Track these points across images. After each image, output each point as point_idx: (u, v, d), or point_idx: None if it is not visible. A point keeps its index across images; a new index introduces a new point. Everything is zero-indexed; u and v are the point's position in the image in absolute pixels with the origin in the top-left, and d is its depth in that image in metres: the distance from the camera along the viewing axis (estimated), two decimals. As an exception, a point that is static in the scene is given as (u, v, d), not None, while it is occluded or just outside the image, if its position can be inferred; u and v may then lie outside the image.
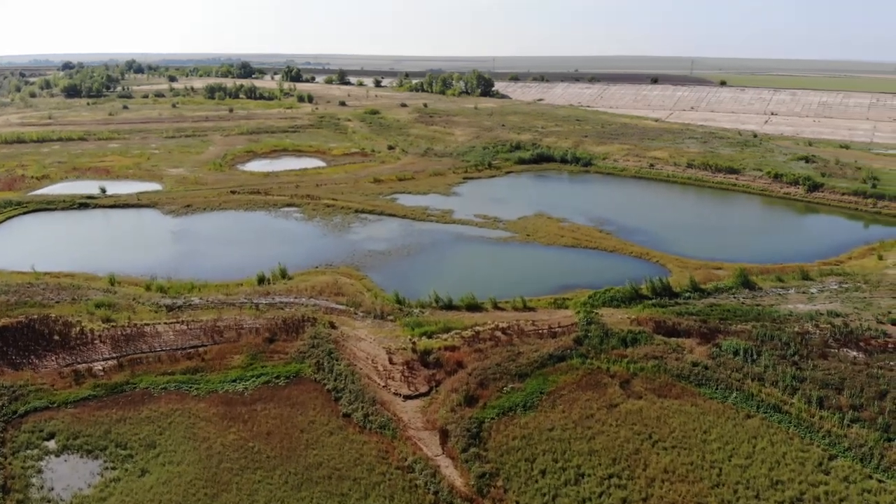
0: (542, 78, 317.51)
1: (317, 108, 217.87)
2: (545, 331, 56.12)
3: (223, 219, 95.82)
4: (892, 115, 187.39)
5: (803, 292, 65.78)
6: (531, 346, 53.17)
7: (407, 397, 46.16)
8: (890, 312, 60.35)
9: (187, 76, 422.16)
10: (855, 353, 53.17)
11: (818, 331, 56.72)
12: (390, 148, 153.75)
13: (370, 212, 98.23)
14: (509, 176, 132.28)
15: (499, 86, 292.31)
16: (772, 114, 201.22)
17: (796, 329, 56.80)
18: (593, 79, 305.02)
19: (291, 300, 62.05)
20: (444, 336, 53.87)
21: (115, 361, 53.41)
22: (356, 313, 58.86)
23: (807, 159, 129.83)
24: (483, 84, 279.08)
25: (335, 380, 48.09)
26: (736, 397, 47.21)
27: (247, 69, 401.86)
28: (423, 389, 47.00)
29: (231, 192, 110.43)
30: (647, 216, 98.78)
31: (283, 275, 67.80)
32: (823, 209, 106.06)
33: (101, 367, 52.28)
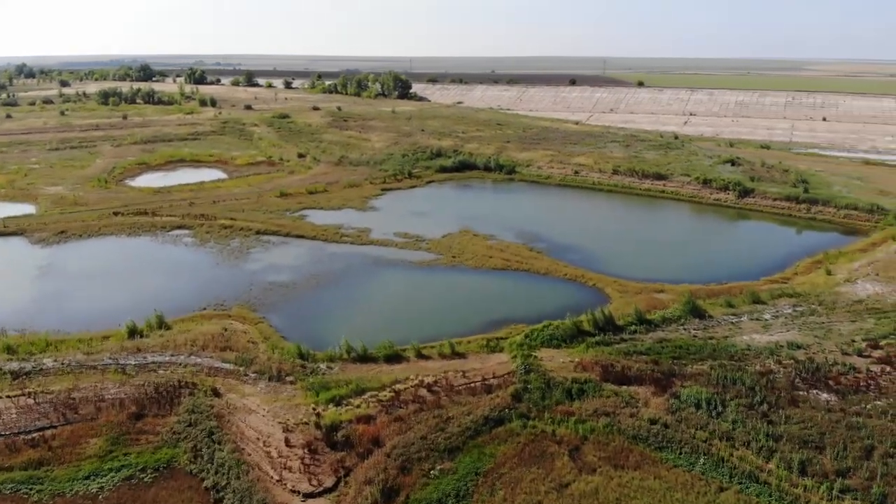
0: (460, 80, 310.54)
1: (220, 113, 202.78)
2: (478, 384, 47.36)
3: (100, 248, 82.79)
4: (808, 113, 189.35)
5: (757, 319, 59.59)
6: (463, 406, 44.25)
7: (308, 496, 36.28)
8: (853, 341, 54.75)
9: (82, 80, 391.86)
10: (826, 396, 46.81)
11: (782, 369, 50.27)
12: (300, 156, 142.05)
13: (274, 233, 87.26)
14: (431, 186, 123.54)
15: (417, 88, 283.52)
16: (690, 114, 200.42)
17: (758, 367, 50.20)
18: (512, 81, 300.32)
19: (168, 358, 50.91)
20: (357, 402, 44.18)
21: (-65, 455, 41.39)
22: (247, 374, 48.35)
23: (732, 162, 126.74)
24: (400, 86, 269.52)
25: (216, 472, 37.75)
26: (704, 464, 39.64)
27: (147, 71, 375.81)
28: (329, 482, 37.21)
29: (114, 213, 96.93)
30: (578, 230, 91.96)
31: (160, 323, 56.35)
32: (756, 216, 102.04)
33: (-86, 466, 40.21)
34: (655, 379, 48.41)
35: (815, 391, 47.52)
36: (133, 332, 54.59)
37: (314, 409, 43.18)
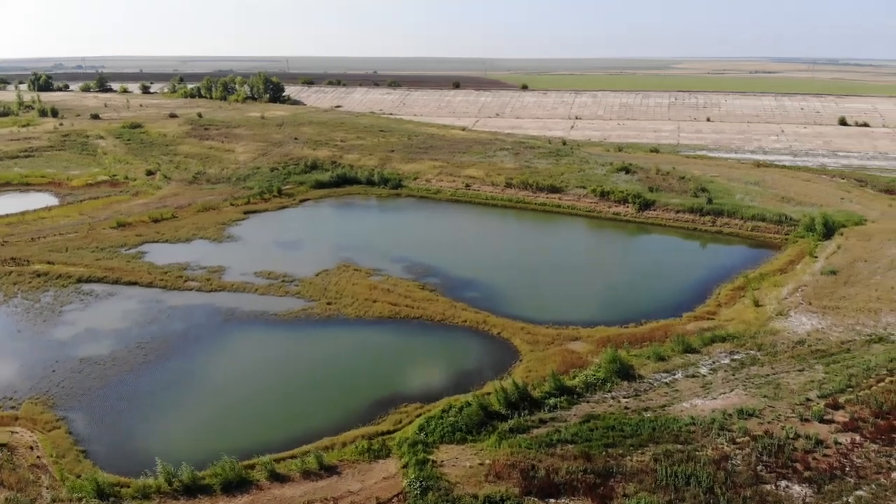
0: (338, 82, 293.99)
1: (61, 124, 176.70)
2: (356, 518, 34.07)
3: None
4: (692, 114, 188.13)
5: (693, 376, 49.72)
6: (333, 564, 30.85)
7: None
8: (808, 400, 45.73)
9: None
10: (799, 489, 36.98)
11: (739, 451, 40.16)
12: (149, 173, 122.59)
13: (100, 280, 69.97)
14: (305, 205, 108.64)
15: (291, 90, 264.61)
16: (576, 118, 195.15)
17: (710, 452, 39.88)
18: (394, 83, 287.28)
19: None
20: (173, 578, 29.79)
21: None
22: (12, 535, 32.70)
23: (627, 170, 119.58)
24: (272, 88, 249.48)
25: None
26: None
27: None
28: None
29: None
30: (475, 258, 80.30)
31: None
32: (659, 230, 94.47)
33: None
34: (590, 485, 36.88)
35: (784, 482, 37.60)
36: None
37: None
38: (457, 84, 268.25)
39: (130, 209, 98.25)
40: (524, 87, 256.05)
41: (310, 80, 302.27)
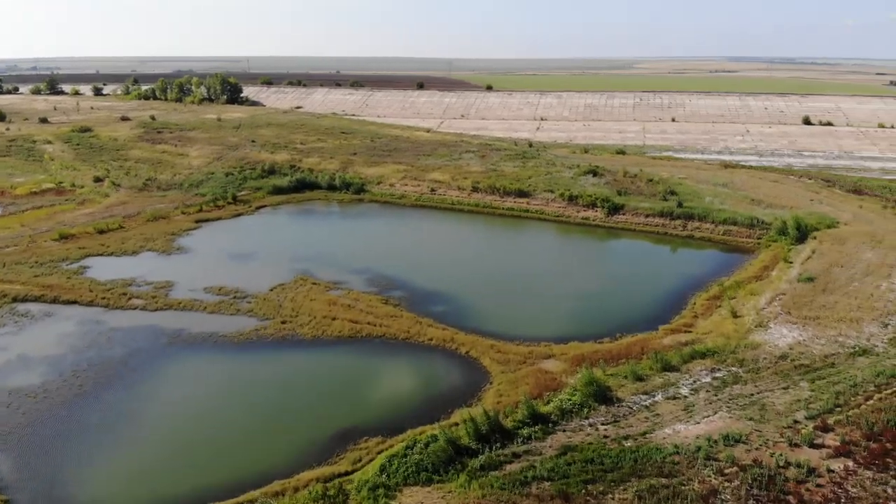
0: (299, 82, 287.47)
1: (8, 129, 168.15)
2: (309, 579, 30.11)
3: None
4: (657, 114, 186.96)
5: (674, 397, 46.73)
6: None
7: None
8: (796, 422, 43.07)
9: None
10: (794, 527, 34.18)
11: (728, 484, 37.22)
12: (97, 180, 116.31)
13: (38, 298, 64.67)
14: (261, 212, 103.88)
15: (250, 91, 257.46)
16: (542, 119, 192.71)
17: (697, 486, 36.86)
18: (356, 83, 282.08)
19: None
20: None
21: None
22: None
23: (594, 173, 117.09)
24: (229, 89, 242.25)
25: None
26: None
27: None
28: None
29: None
30: (441, 268, 76.81)
31: None
32: (629, 235, 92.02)
33: None
34: (570, 530, 33.59)
35: (778, 520, 34.78)
36: None
37: None
38: (421, 84, 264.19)
39: (75, 219, 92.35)
40: (489, 88, 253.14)
41: (269, 81, 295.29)
